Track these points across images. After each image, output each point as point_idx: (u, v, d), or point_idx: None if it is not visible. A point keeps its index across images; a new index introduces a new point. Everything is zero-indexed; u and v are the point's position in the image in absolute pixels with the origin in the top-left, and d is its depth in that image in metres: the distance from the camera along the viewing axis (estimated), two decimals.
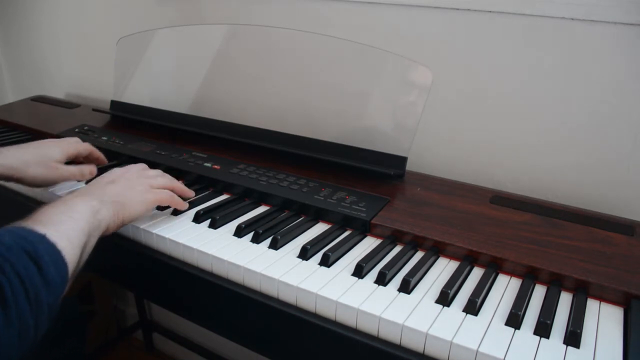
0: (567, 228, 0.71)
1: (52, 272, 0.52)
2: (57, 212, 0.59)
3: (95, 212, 0.63)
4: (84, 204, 0.63)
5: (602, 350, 0.53)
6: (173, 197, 0.76)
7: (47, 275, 0.51)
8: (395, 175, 0.84)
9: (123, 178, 0.73)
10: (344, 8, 1.02)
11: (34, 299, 0.49)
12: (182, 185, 0.80)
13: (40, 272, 0.51)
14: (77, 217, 0.60)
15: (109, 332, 1.73)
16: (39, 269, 0.51)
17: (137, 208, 0.70)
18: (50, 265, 0.52)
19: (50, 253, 0.53)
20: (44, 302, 0.50)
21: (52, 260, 0.52)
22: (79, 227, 0.59)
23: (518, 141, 0.91)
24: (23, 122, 1.21)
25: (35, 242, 0.52)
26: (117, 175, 0.73)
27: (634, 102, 0.80)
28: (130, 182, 0.72)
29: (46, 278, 0.51)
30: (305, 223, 0.77)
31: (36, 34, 1.65)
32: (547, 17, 0.83)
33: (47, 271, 0.51)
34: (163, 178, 0.77)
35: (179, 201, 0.77)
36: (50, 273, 0.51)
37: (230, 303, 0.67)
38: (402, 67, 0.85)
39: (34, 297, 0.49)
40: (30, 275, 0.50)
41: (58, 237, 0.55)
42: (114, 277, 0.91)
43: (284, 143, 0.94)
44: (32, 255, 0.51)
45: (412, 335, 0.55)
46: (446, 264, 0.68)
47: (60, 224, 0.57)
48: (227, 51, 1.04)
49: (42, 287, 0.50)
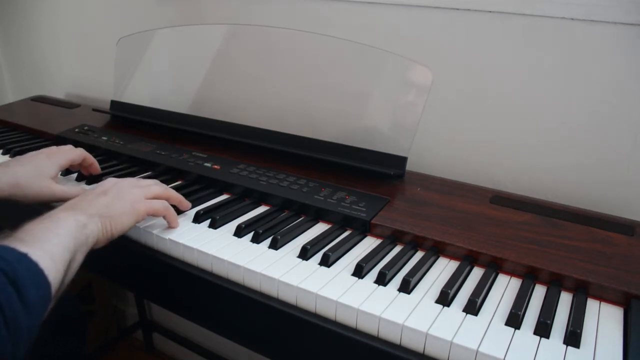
0: (567, 228, 0.71)
1: (32, 295, 0.49)
2: (41, 229, 0.57)
3: (81, 226, 0.61)
4: (69, 218, 0.61)
5: (602, 350, 0.53)
6: (167, 209, 0.73)
7: (27, 299, 0.49)
8: (395, 175, 0.84)
9: (115, 188, 0.70)
10: (344, 8, 1.02)
11: (13, 326, 0.47)
12: (178, 196, 0.77)
13: (19, 296, 0.48)
14: (62, 233, 0.58)
15: (109, 332, 1.73)
16: (18, 293, 0.48)
17: (126, 220, 0.67)
18: (31, 287, 0.50)
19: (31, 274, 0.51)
20: (23, 328, 0.48)
21: (33, 281, 0.50)
22: (64, 243, 0.57)
23: (518, 141, 0.91)
24: (23, 122, 1.21)
25: (14, 262, 0.50)
26: (108, 186, 0.71)
27: (634, 102, 0.80)
28: (121, 193, 0.69)
29: (26, 302, 0.49)
30: (305, 223, 0.77)
31: (36, 34, 1.65)
32: (547, 17, 0.83)
33: (27, 294, 0.49)
34: (158, 187, 0.74)
35: (173, 214, 0.74)
36: (31, 296, 0.49)
37: (230, 303, 0.67)
38: (402, 67, 0.85)
39: (13, 324, 0.47)
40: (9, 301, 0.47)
41: (40, 256, 0.52)
42: (114, 277, 0.91)
43: (284, 143, 0.94)
44: (10, 278, 0.48)
45: (412, 335, 0.55)
46: (446, 264, 0.68)
47: (44, 242, 0.55)
48: (227, 51, 1.04)
49: (21, 312, 0.48)
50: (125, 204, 0.68)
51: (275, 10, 1.11)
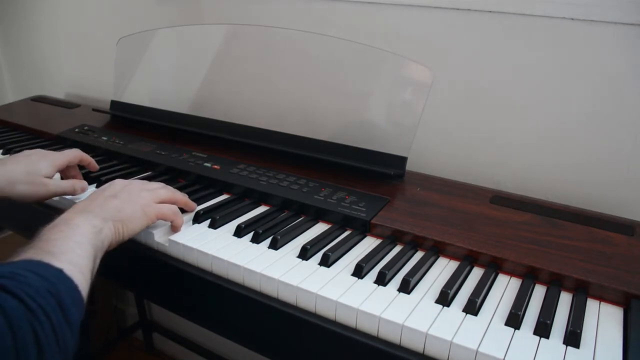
0: (567, 228, 0.71)
1: (73, 314, 0.50)
2: (63, 238, 0.57)
3: (97, 232, 0.62)
4: (86, 224, 0.61)
5: (602, 350, 0.53)
6: (176, 215, 0.73)
7: (70, 317, 0.50)
8: (395, 175, 0.84)
9: (125, 191, 0.70)
10: (344, 8, 1.02)
11: (63, 345, 0.48)
12: (185, 198, 0.77)
13: (64, 315, 0.49)
14: (83, 241, 0.59)
15: (109, 332, 1.73)
16: (63, 312, 0.49)
17: (138, 223, 0.68)
18: (72, 306, 0.50)
19: (70, 292, 0.51)
20: (69, 345, 0.49)
21: (72, 300, 0.51)
22: (87, 253, 0.58)
23: (518, 141, 0.91)
24: (23, 122, 1.21)
25: (56, 282, 0.50)
26: (118, 189, 0.71)
27: (634, 102, 0.80)
28: (132, 196, 0.70)
29: (69, 320, 0.50)
30: (305, 223, 0.77)
31: (36, 34, 1.65)
32: (547, 17, 0.83)
33: (69, 313, 0.50)
34: (165, 190, 0.75)
35: (181, 220, 0.74)
36: (72, 314, 0.50)
37: (230, 303, 0.67)
38: (402, 67, 0.85)
39: (63, 343, 0.48)
40: (59, 321, 0.48)
41: (72, 271, 0.53)
42: (114, 277, 0.91)
43: (284, 143, 0.94)
44: (56, 298, 0.49)
45: (412, 335, 0.55)
46: (446, 264, 0.68)
47: (70, 253, 0.55)
48: (227, 51, 1.04)
49: (67, 330, 0.49)
50: (136, 208, 0.69)
51: (275, 10, 1.11)
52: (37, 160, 0.79)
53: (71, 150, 0.85)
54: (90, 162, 0.88)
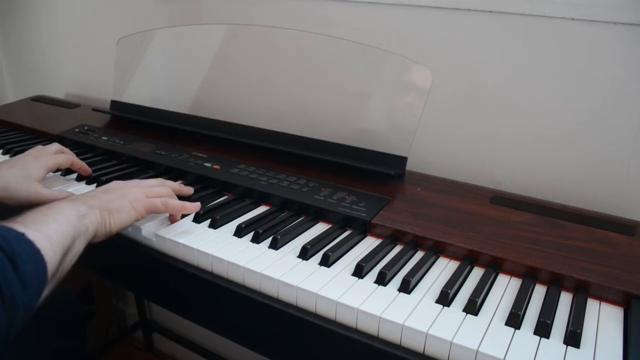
0: (567, 228, 0.71)
1: (28, 270, 0.50)
2: (40, 215, 0.59)
3: (81, 216, 0.62)
4: (69, 207, 0.62)
5: (602, 350, 0.53)
6: (166, 205, 0.73)
7: (23, 273, 0.50)
8: (396, 175, 0.84)
9: (117, 187, 0.72)
10: (344, 8, 1.02)
11: (8, 297, 0.48)
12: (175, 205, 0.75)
13: (15, 269, 0.49)
14: (61, 219, 0.59)
15: (109, 332, 1.73)
16: (14, 267, 0.49)
17: (125, 216, 0.69)
18: (27, 262, 0.51)
19: (27, 251, 0.52)
20: (18, 301, 0.49)
21: (29, 258, 0.51)
22: (62, 229, 0.58)
23: (518, 141, 0.91)
24: (23, 122, 1.21)
25: (10, 238, 0.51)
26: (112, 186, 0.72)
27: (634, 102, 0.80)
28: (123, 191, 0.71)
29: (21, 276, 0.50)
30: (305, 223, 0.77)
31: (36, 34, 1.65)
32: (547, 17, 0.83)
33: (22, 269, 0.50)
34: (162, 188, 0.75)
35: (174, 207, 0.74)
36: (26, 271, 0.50)
37: (230, 303, 0.67)
38: (402, 67, 0.85)
39: (8, 295, 0.48)
40: (5, 274, 0.48)
41: (37, 237, 0.54)
42: (114, 277, 0.91)
43: (284, 143, 0.94)
44: (7, 252, 0.50)
45: (412, 335, 0.55)
46: (446, 264, 0.68)
47: (42, 224, 0.56)
48: (227, 51, 1.04)
49: (16, 285, 0.49)
50: (125, 202, 0.70)
51: (275, 10, 1.11)
52: (29, 163, 0.80)
53: (63, 155, 0.86)
54: (81, 166, 0.89)
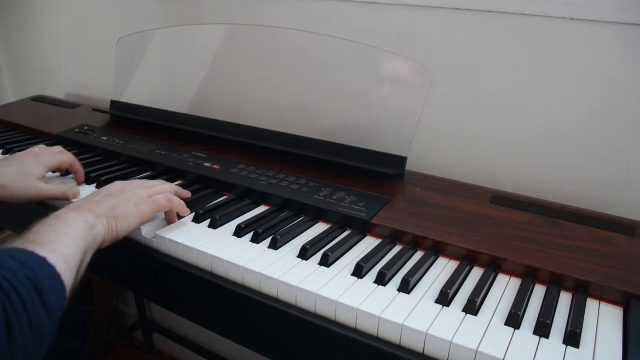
0: (567, 228, 0.71)
1: (52, 299, 0.51)
2: (53, 231, 0.58)
3: (90, 227, 0.63)
4: (79, 219, 0.62)
5: (602, 350, 0.53)
6: (171, 201, 0.73)
7: (48, 302, 0.50)
8: (395, 175, 0.84)
9: (120, 190, 0.72)
10: (344, 8, 1.02)
11: (37, 328, 0.49)
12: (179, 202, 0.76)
13: (41, 299, 0.50)
14: (73, 234, 0.59)
15: (109, 332, 1.73)
16: (40, 297, 0.50)
17: (132, 221, 0.69)
18: (51, 291, 0.51)
19: (50, 278, 0.52)
20: (45, 332, 0.50)
21: (52, 286, 0.52)
22: (75, 246, 0.58)
23: (518, 141, 0.91)
24: (23, 122, 1.21)
25: (35, 268, 0.51)
26: (114, 189, 0.72)
27: (634, 102, 0.80)
28: (127, 195, 0.71)
29: (47, 305, 0.50)
30: (305, 223, 0.77)
31: (36, 34, 1.65)
32: (547, 17, 0.83)
33: (47, 298, 0.50)
34: (164, 186, 0.76)
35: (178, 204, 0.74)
36: (51, 300, 0.51)
37: (230, 303, 0.67)
38: (402, 67, 0.85)
39: (37, 327, 0.49)
40: (34, 304, 0.49)
41: (56, 260, 0.54)
42: (114, 277, 0.91)
43: (284, 143, 0.94)
44: (34, 283, 0.50)
45: (412, 335, 0.55)
46: (446, 264, 0.68)
47: (58, 244, 0.56)
48: (226, 51, 1.04)
49: (43, 315, 0.50)
50: (130, 206, 0.69)
51: (275, 10, 1.11)
52: (29, 161, 0.80)
53: (64, 155, 0.86)
54: (78, 170, 0.89)
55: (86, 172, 0.91)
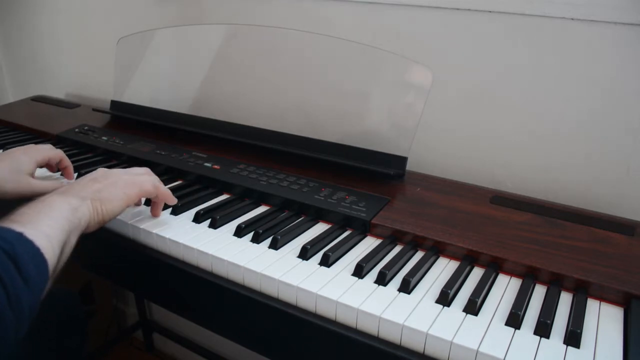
0: (567, 228, 0.71)
1: (31, 271, 0.51)
2: (34, 211, 0.58)
3: (74, 209, 0.62)
4: (62, 201, 0.62)
5: (602, 350, 0.53)
6: (157, 188, 0.74)
7: (27, 275, 0.50)
8: (396, 175, 0.84)
9: (105, 175, 0.72)
10: (344, 8, 1.02)
11: (15, 302, 0.48)
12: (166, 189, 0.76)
13: (19, 271, 0.49)
14: (55, 215, 0.59)
15: (109, 332, 1.73)
16: (18, 269, 0.49)
17: (117, 204, 0.68)
18: (30, 263, 0.51)
19: (28, 251, 0.52)
20: (24, 304, 0.49)
21: (31, 258, 0.51)
22: (58, 225, 0.58)
23: (518, 141, 0.91)
24: (23, 122, 1.21)
25: (10, 239, 0.51)
26: (99, 174, 0.72)
27: (634, 102, 0.80)
28: (112, 179, 0.71)
29: (26, 278, 0.50)
30: (305, 223, 0.77)
31: (36, 34, 1.65)
32: (547, 17, 0.83)
33: (26, 270, 0.50)
34: (148, 176, 0.75)
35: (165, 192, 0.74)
36: (30, 272, 0.50)
37: (230, 303, 0.67)
38: (402, 67, 0.85)
39: (15, 300, 0.48)
40: (11, 278, 0.48)
41: (36, 236, 0.54)
42: (114, 277, 0.91)
43: (284, 143, 0.94)
44: (10, 254, 0.49)
45: (412, 335, 0.55)
46: (446, 264, 0.68)
47: (38, 222, 0.56)
48: (226, 51, 1.04)
49: (22, 287, 0.49)
50: (116, 189, 0.69)
51: (275, 10, 1.11)
52: (19, 156, 0.80)
53: (54, 150, 0.86)
54: (68, 166, 0.88)
55: (86, 171, 0.91)
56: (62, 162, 0.88)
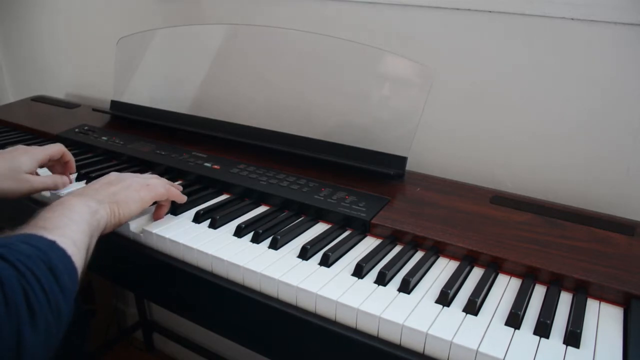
0: (567, 228, 0.71)
1: (66, 280, 0.52)
2: (58, 216, 0.59)
3: (93, 212, 0.64)
4: (82, 205, 0.63)
5: (602, 350, 0.53)
6: (169, 190, 0.76)
7: (62, 283, 0.51)
8: (396, 175, 0.84)
9: (119, 179, 0.74)
10: (344, 8, 1.02)
11: (55, 308, 0.49)
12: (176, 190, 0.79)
13: (56, 280, 0.50)
14: (77, 219, 0.60)
15: (109, 332, 1.73)
16: (55, 278, 0.50)
17: (133, 206, 0.70)
18: (64, 273, 0.52)
19: (62, 260, 0.53)
20: (62, 310, 0.51)
21: (65, 267, 0.53)
22: (81, 229, 0.59)
23: (518, 141, 0.91)
24: (23, 122, 1.21)
25: (47, 250, 0.52)
26: (113, 178, 0.74)
27: (634, 102, 0.80)
28: (126, 182, 0.73)
29: (62, 286, 0.51)
30: (305, 223, 0.77)
31: (36, 33, 1.65)
32: (547, 17, 0.83)
33: (61, 279, 0.51)
34: (158, 180, 0.77)
35: (176, 193, 0.77)
36: (65, 281, 0.51)
37: (230, 303, 0.67)
38: (402, 67, 0.85)
39: (55, 306, 0.49)
40: (50, 284, 0.50)
41: (66, 243, 0.55)
42: (114, 277, 0.91)
43: (284, 143, 0.94)
44: (47, 264, 0.50)
45: (412, 335, 0.55)
46: (446, 264, 0.68)
47: (65, 228, 0.57)
48: (226, 51, 1.04)
49: (60, 295, 0.50)
50: (131, 192, 0.71)
51: (274, 10, 1.11)
52: (19, 156, 0.80)
53: (53, 145, 0.85)
54: (70, 160, 0.88)
55: (86, 171, 0.91)
56: (64, 157, 0.88)
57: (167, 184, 0.77)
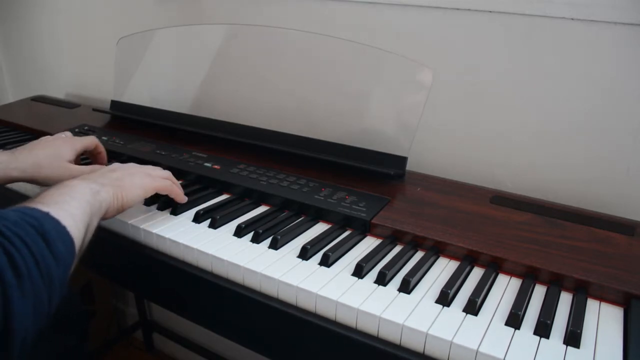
0: (567, 228, 0.71)
1: (59, 247, 0.52)
2: (58, 194, 0.60)
3: (95, 193, 0.64)
4: (84, 185, 0.64)
5: (602, 350, 0.53)
6: (172, 187, 0.77)
7: (55, 250, 0.51)
8: (396, 175, 0.84)
9: (122, 167, 0.75)
10: (344, 8, 1.02)
11: (46, 273, 0.49)
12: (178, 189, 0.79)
13: (48, 245, 0.51)
14: (78, 197, 0.61)
15: (109, 332, 1.73)
16: (47, 243, 0.51)
17: (135, 192, 0.71)
18: (57, 239, 0.52)
19: (56, 228, 0.53)
20: (54, 277, 0.50)
21: (59, 235, 0.53)
22: (81, 206, 0.60)
23: (518, 141, 0.91)
24: (23, 122, 1.21)
25: (39, 218, 0.52)
26: (117, 166, 0.75)
27: (634, 102, 0.80)
28: (130, 170, 0.74)
29: (54, 252, 0.51)
30: (305, 223, 0.77)
31: (36, 34, 1.65)
32: (547, 17, 0.83)
33: (54, 245, 0.51)
34: (163, 172, 0.79)
35: (178, 191, 0.78)
36: (58, 247, 0.52)
37: (230, 303, 0.67)
38: (402, 67, 0.85)
39: (46, 271, 0.49)
40: (40, 248, 0.50)
41: (62, 215, 0.55)
42: (114, 277, 0.91)
43: (284, 143, 0.94)
44: (38, 230, 0.51)
45: (412, 335, 0.55)
46: (446, 264, 0.68)
47: (63, 203, 0.58)
48: (226, 51, 1.04)
49: (51, 261, 0.50)
50: (134, 178, 0.72)
51: (275, 11, 1.11)
52: (60, 146, 0.84)
53: (88, 137, 0.91)
54: (102, 152, 0.93)
55: None
56: (97, 148, 0.92)
57: (171, 177, 0.78)
